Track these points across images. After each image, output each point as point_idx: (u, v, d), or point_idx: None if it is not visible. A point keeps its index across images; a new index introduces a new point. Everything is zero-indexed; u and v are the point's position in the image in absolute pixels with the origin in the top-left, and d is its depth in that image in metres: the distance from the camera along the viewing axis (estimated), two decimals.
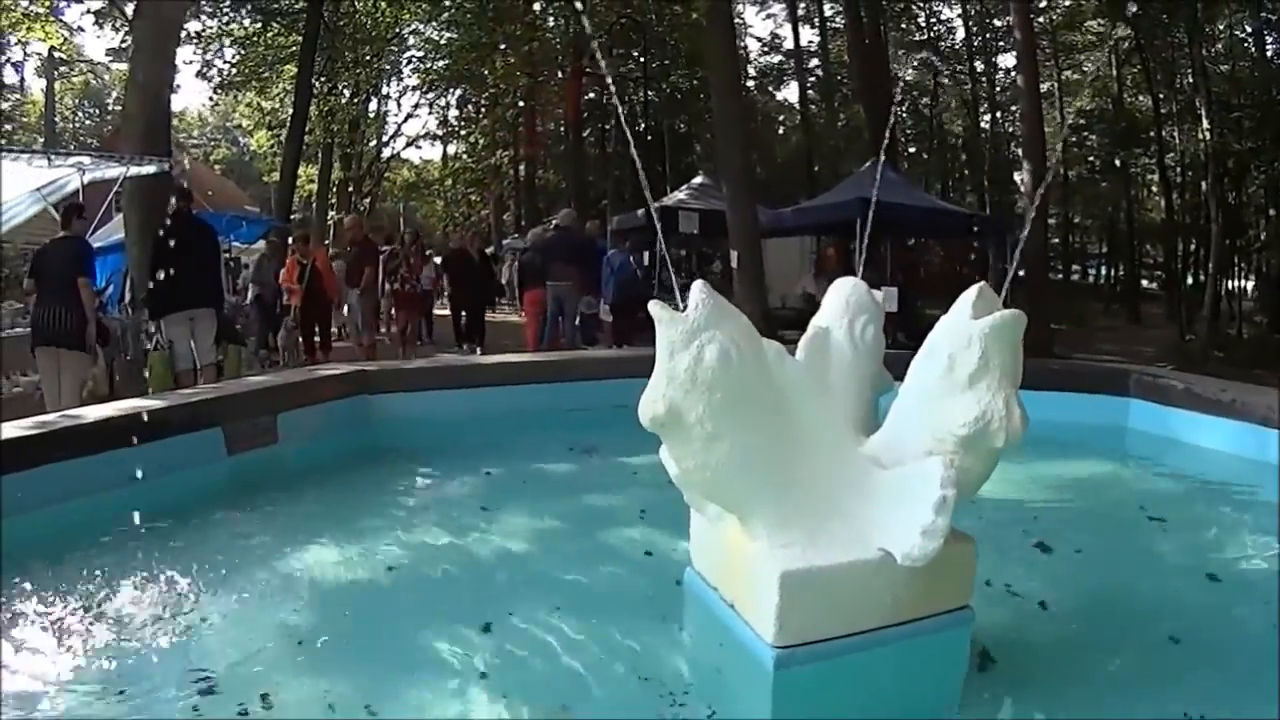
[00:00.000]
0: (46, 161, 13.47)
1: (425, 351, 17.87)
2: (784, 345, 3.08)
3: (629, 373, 7.28)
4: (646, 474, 5.95)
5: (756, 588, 2.88)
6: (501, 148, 52.58)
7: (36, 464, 4.77)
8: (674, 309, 2.83)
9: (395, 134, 54.32)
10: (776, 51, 56.46)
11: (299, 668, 3.41)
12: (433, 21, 44.52)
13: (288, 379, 6.90)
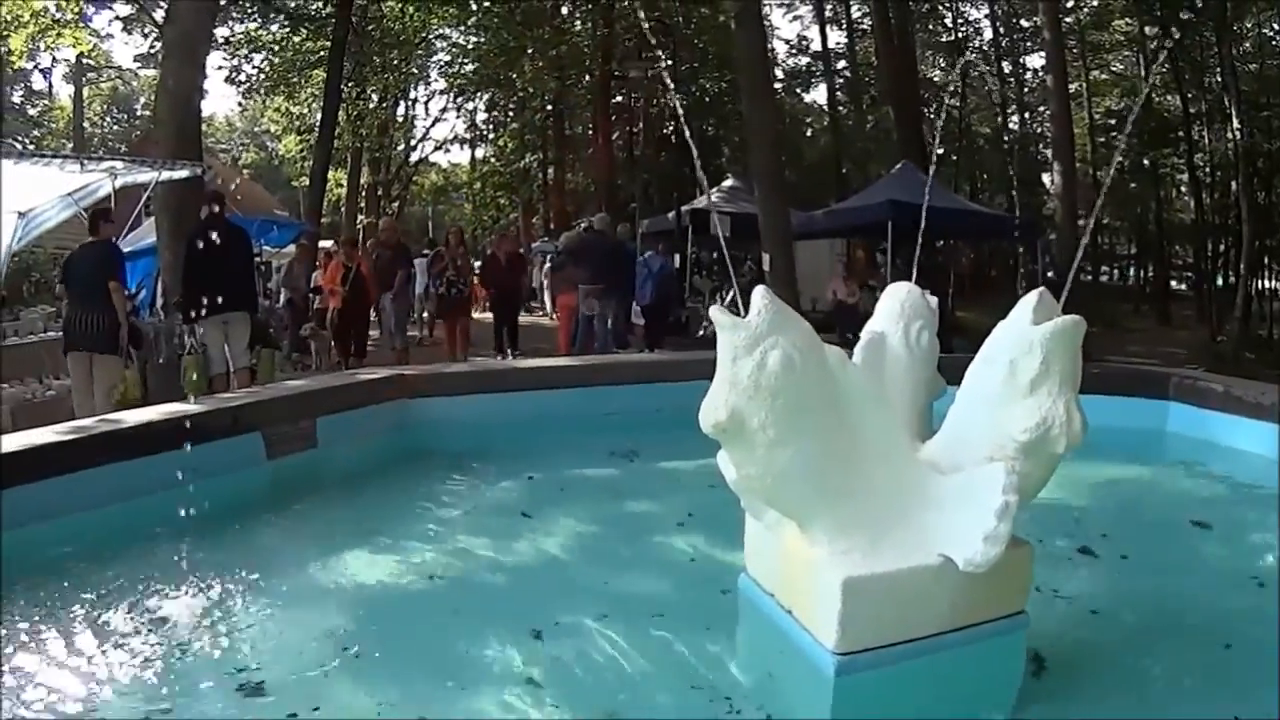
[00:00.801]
0: (79, 166, 13.50)
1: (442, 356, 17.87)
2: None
3: (667, 377, 7.34)
4: (688, 478, 5.93)
5: (817, 594, 2.86)
6: (530, 151, 52.61)
7: (77, 469, 4.78)
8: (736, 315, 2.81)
9: (423, 138, 54.52)
10: (804, 54, 56.44)
11: (349, 675, 3.40)
12: (460, 26, 44.55)
13: (327, 383, 6.90)
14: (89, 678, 3.36)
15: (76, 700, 3.22)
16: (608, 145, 45.02)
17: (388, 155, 51.17)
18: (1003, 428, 2.97)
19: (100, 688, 3.30)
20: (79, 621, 3.77)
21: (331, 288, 16.17)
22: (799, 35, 56.04)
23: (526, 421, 6.79)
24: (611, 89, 43.92)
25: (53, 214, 14.82)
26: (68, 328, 10.45)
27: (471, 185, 57.27)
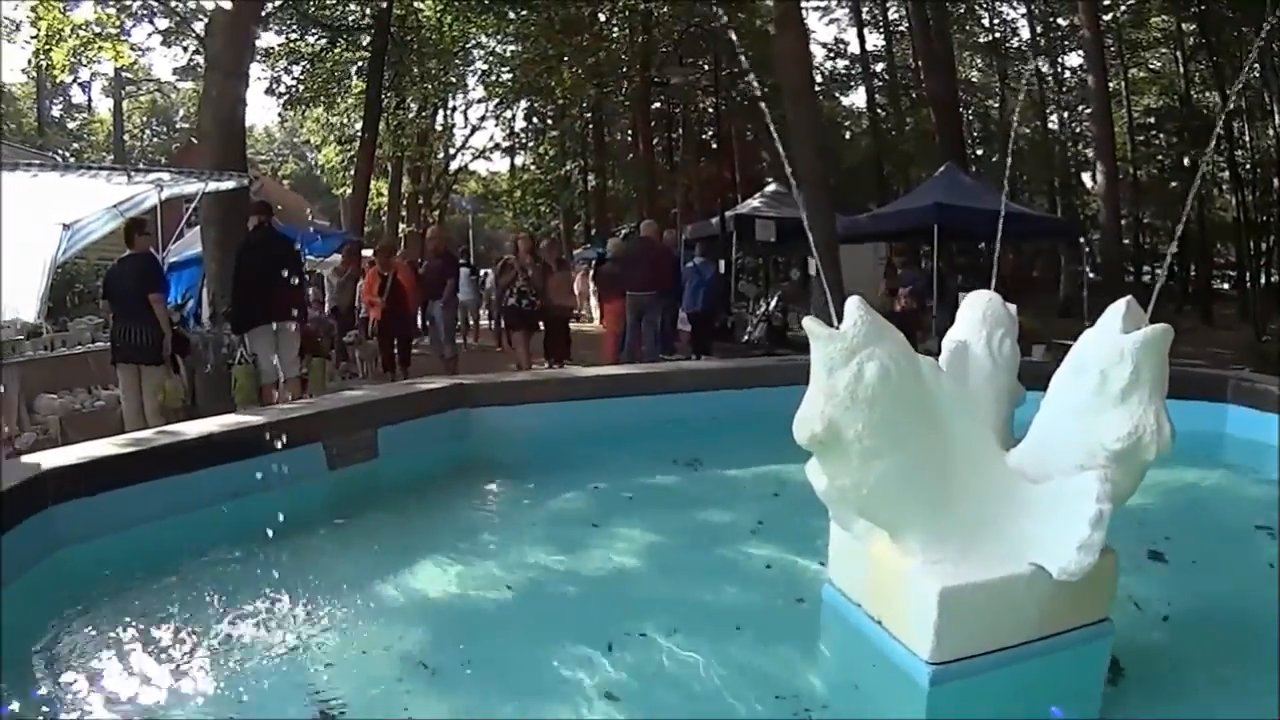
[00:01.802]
0: (126, 178, 13.54)
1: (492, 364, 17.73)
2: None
3: (725, 385, 7.28)
4: (752, 486, 5.90)
5: (910, 604, 2.85)
6: (571, 158, 52.73)
7: (138, 480, 4.80)
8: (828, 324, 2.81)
9: (463, 146, 54.67)
10: (841, 56, 56.26)
11: (425, 690, 3.38)
12: (498, 35, 44.66)
13: (387, 393, 6.90)
14: (162, 697, 3.34)
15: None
16: (648, 151, 45.03)
17: (428, 164, 51.32)
18: (1094, 436, 2.98)
19: (175, 707, 3.28)
20: (149, 638, 3.75)
21: (370, 298, 16.14)
22: (836, 38, 55.62)
23: (587, 430, 6.78)
24: (651, 95, 43.89)
25: (99, 226, 14.93)
26: (114, 341, 10.48)
27: (511, 193, 57.49)
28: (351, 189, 36.69)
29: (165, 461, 5.00)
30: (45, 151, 42.59)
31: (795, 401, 7.09)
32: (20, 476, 4.25)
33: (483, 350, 20.43)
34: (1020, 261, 39.78)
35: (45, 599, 4.10)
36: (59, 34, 28.46)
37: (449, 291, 16.91)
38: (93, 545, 4.47)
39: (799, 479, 5.96)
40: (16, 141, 50.25)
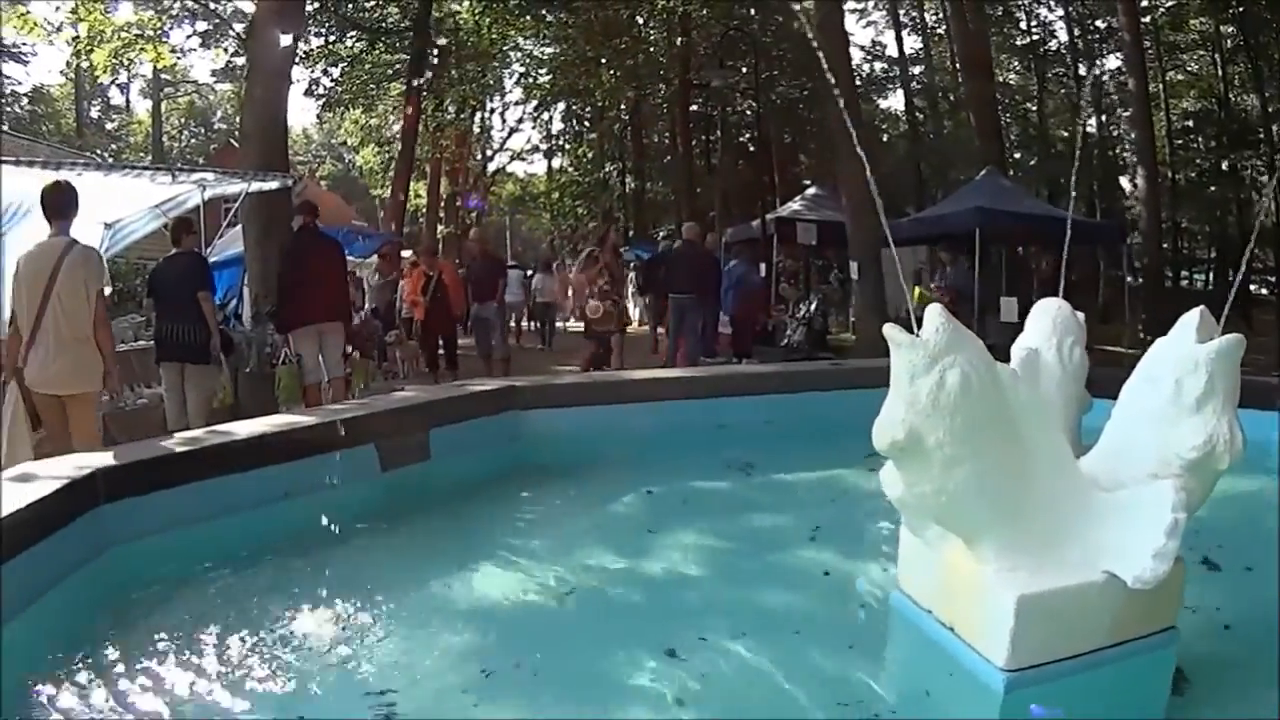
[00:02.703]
0: (170, 177, 13.58)
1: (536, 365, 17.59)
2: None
3: (777, 389, 7.23)
4: (807, 491, 5.87)
5: (985, 610, 2.84)
6: (609, 160, 52.88)
7: (189, 480, 4.77)
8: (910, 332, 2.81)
9: (500, 148, 54.90)
10: (878, 59, 56.21)
11: (488, 695, 3.35)
12: (537, 37, 44.83)
13: (438, 395, 6.87)
14: (218, 699, 3.32)
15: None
16: (687, 154, 45.10)
17: (466, 166, 51.50)
18: (1169, 445, 2.99)
19: (231, 709, 3.26)
20: (202, 639, 3.72)
21: (413, 298, 16.10)
22: (873, 40, 55.59)
23: (637, 433, 6.73)
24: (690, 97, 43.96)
25: (140, 225, 14.96)
26: (159, 340, 10.47)
27: (549, 195, 57.73)
28: (390, 190, 36.87)
29: (217, 461, 4.96)
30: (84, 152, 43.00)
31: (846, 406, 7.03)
32: (71, 474, 4.20)
33: (523, 350, 20.31)
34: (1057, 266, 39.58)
35: (95, 598, 4.11)
36: (100, 35, 28.62)
37: (500, 293, 16.63)
38: (143, 545, 4.43)
39: (853, 484, 5.97)
40: (56, 141, 50.84)
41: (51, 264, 7.61)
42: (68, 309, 7.62)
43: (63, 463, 4.60)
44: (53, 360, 7.61)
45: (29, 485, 4.00)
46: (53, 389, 7.74)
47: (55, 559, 3.86)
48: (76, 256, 7.73)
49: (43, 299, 7.57)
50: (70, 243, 7.85)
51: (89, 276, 7.78)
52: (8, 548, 3.47)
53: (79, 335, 7.68)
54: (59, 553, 3.89)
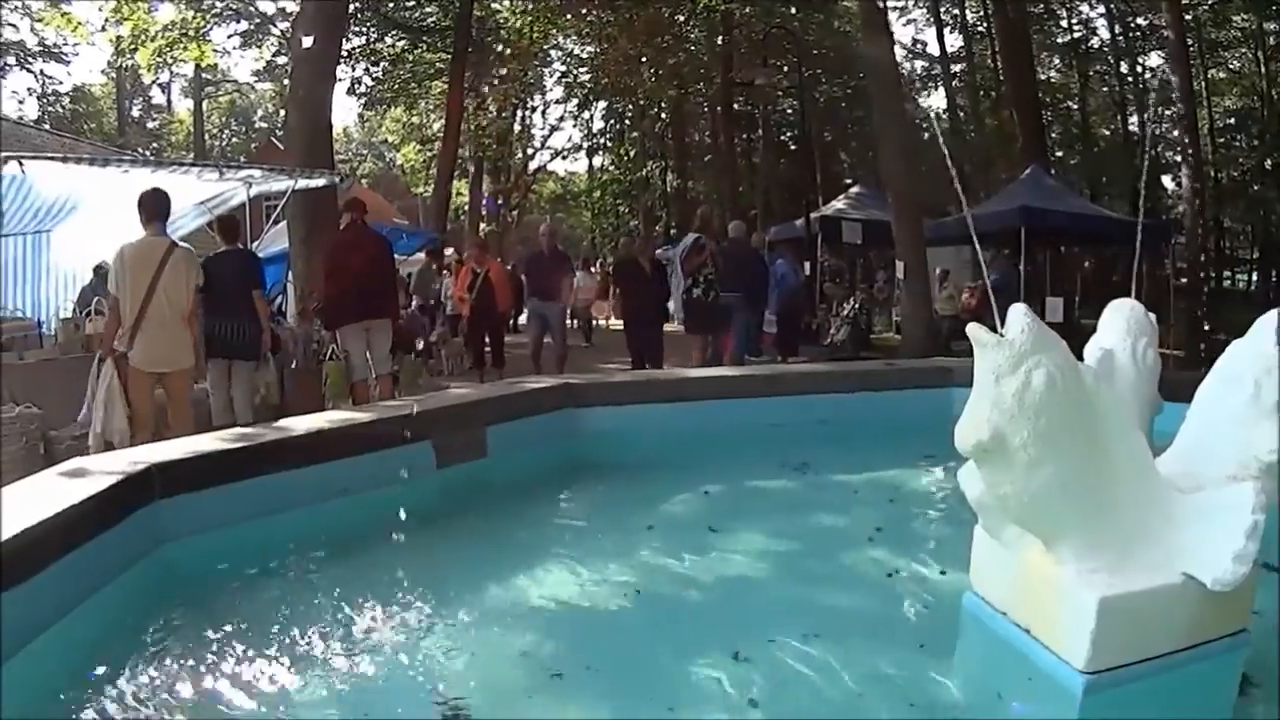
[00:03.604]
0: (218, 174, 13.66)
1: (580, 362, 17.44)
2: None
3: (832, 389, 7.19)
4: (865, 491, 5.84)
5: (1065, 612, 2.83)
6: (651, 159, 52.90)
7: (245, 476, 4.77)
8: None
9: (541, 146, 54.98)
10: (919, 57, 55.98)
11: (555, 696, 3.32)
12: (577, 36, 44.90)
13: (495, 392, 6.85)
14: (279, 696, 3.30)
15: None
16: (730, 152, 45.07)
17: (507, 164, 51.63)
18: (1247, 447, 3.00)
19: (293, 707, 3.25)
20: (261, 636, 3.70)
21: (460, 295, 16.04)
22: (914, 38, 55.38)
23: (694, 432, 6.69)
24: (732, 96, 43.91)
25: (186, 222, 15.06)
26: (208, 335, 10.45)
27: (590, 193, 57.81)
28: (433, 189, 36.97)
29: (273, 457, 4.96)
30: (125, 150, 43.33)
31: (901, 406, 6.95)
32: (126, 470, 4.20)
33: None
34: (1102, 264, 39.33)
35: (150, 595, 4.10)
36: (144, 33, 28.81)
37: (566, 290, 16.14)
38: (199, 541, 4.44)
39: (910, 484, 5.92)
40: (98, 140, 51.29)
41: (158, 259, 8.73)
42: (171, 299, 8.79)
43: (118, 458, 4.61)
44: (157, 342, 8.75)
45: (84, 480, 4.00)
46: (157, 366, 8.85)
47: (110, 555, 3.86)
48: (179, 254, 8.95)
49: (149, 290, 8.67)
50: (172, 243, 9.08)
51: (189, 271, 9.05)
52: (62, 542, 3.50)
53: (178, 321, 8.90)
54: (114, 549, 3.89)
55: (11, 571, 3.10)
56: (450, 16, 37.08)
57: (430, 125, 48.86)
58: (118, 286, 8.77)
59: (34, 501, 3.60)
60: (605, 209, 56.42)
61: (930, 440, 6.69)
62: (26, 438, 9.11)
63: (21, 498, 3.73)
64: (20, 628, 3.14)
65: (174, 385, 9.06)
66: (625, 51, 40.19)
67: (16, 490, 3.92)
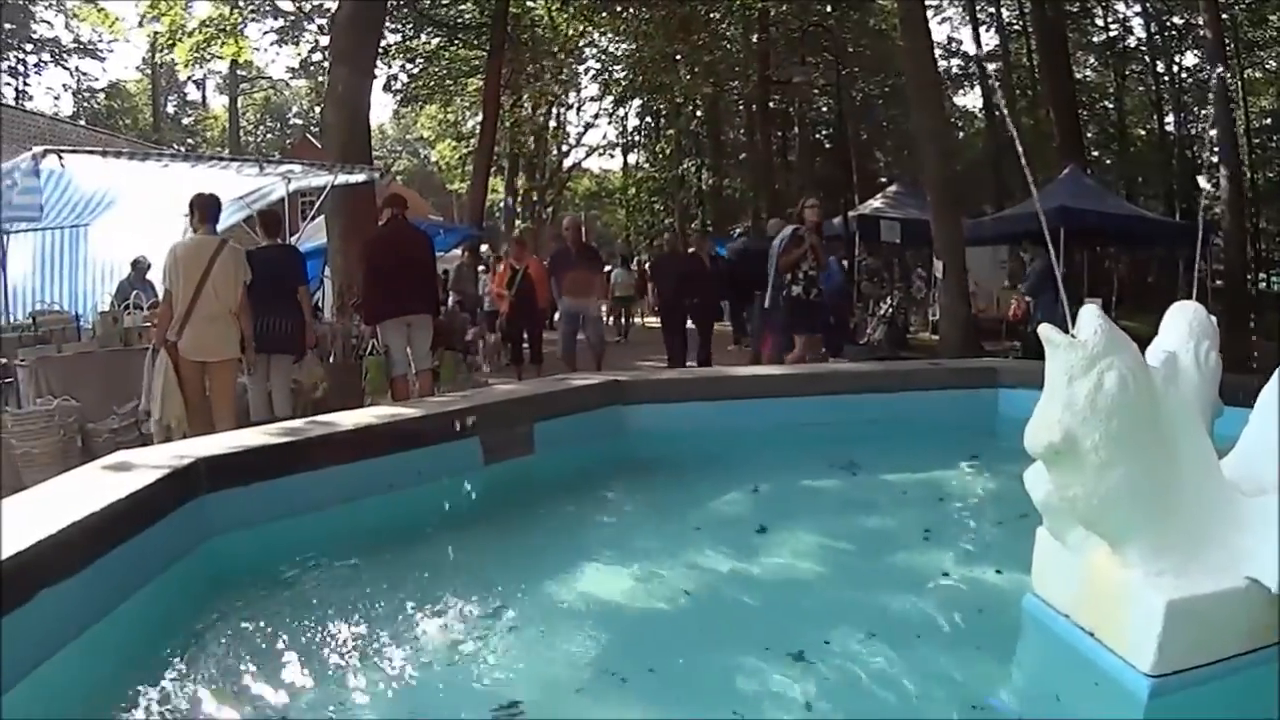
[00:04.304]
0: (258, 169, 13.71)
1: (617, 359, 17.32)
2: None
3: (880, 388, 7.16)
4: (914, 492, 5.80)
5: (1132, 615, 2.84)
6: (687, 156, 52.89)
7: (292, 471, 4.75)
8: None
9: (577, 144, 55.04)
10: (954, 56, 55.79)
11: (613, 700, 3.26)
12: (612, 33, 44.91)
13: (542, 388, 6.82)
14: (326, 695, 3.25)
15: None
16: (766, 150, 45.00)
17: (543, 161, 51.72)
18: None
19: (342, 706, 3.19)
20: (306, 633, 3.67)
21: (499, 292, 16.03)
22: (948, 37, 55.14)
23: (741, 430, 6.66)
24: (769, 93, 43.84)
25: (224, 217, 15.10)
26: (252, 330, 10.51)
27: (625, 190, 57.85)
28: (470, 185, 37.03)
29: (320, 452, 4.93)
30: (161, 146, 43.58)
31: (948, 406, 6.88)
32: (172, 464, 4.20)
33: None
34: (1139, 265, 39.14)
35: (197, 589, 4.08)
36: (182, 29, 28.95)
37: (601, 287, 16.15)
38: (245, 535, 4.43)
39: (958, 485, 5.89)
40: (133, 136, 51.63)
41: (208, 256, 9.14)
42: (220, 293, 9.18)
43: (163, 452, 4.59)
44: (205, 333, 9.14)
45: (130, 474, 3.99)
46: (204, 356, 9.20)
47: (156, 550, 3.85)
48: (228, 252, 9.35)
49: (199, 284, 9.08)
50: (222, 241, 9.59)
51: (238, 268, 9.39)
52: (108, 537, 3.48)
53: (226, 314, 9.28)
54: (160, 543, 3.87)
55: (58, 566, 3.11)
56: (486, 13, 37.11)
57: (465, 122, 49.05)
58: (170, 281, 9.18)
59: (80, 495, 3.60)
60: (640, 206, 56.49)
61: (977, 440, 6.66)
62: (64, 430, 9.30)
63: (67, 491, 3.75)
64: (67, 623, 3.15)
65: (218, 375, 9.41)
66: (661, 49, 40.18)
67: (62, 483, 3.94)
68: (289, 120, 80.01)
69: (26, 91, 68.39)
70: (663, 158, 54.68)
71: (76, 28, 66.23)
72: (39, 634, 2.99)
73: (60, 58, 69.01)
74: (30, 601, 2.92)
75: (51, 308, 13.30)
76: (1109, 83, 52.16)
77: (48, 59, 68.66)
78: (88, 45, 68.86)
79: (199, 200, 9.54)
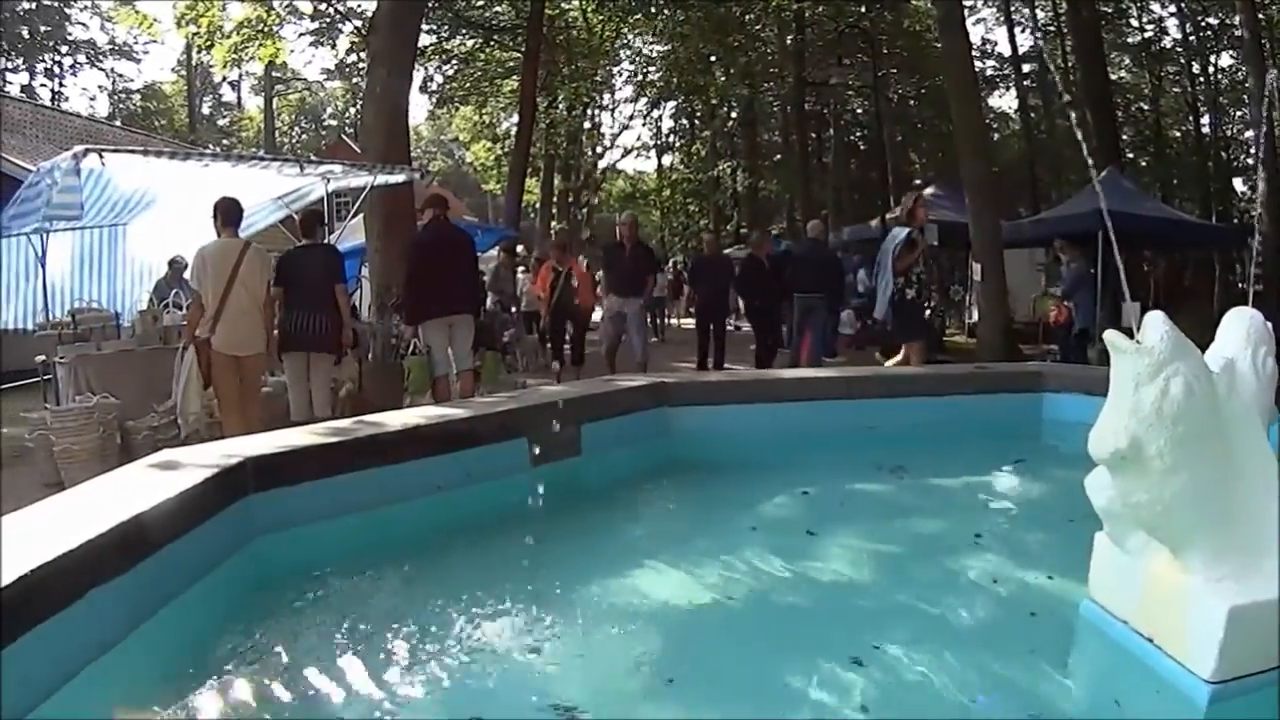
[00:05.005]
0: (298, 169, 13.75)
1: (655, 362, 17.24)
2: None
3: (927, 392, 7.13)
4: (963, 496, 5.80)
5: (1192, 621, 2.84)
6: (722, 158, 52.87)
7: (339, 471, 4.74)
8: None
9: (611, 145, 55.13)
10: (989, 57, 55.45)
11: (671, 703, 3.28)
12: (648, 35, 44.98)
13: (588, 390, 6.81)
14: (377, 697, 3.24)
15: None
16: (802, 152, 44.93)
17: (578, 162, 51.81)
18: None
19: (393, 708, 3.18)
20: (354, 634, 3.67)
21: (540, 293, 16.05)
22: (983, 38, 54.83)
23: (787, 433, 6.64)
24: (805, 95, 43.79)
25: (263, 216, 15.23)
26: (288, 328, 10.62)
27: (660, 192, 57.89)
28: (506, 186, 37.13)
29: (368, 452, 4.93)
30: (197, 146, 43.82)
31: (994, 410, 6.85)
32: (220, 463, 4.22)
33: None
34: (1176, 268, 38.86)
35: (245, 589, 4.12)
36: (219, 30, 29.07)
37: (650, 288, 15.66)
38: (291, 535, 4.44)
39: (1006, 489, 5.89)
40: (169, 136, 51.98)
41: (235, 257, 9.61)
42: (250, 290, 9.69)
43: (211, 451, 4.58)
44: (237, 328, 9.59)
45: (177, 473, 4.00)
46: (236, 350, 9.64)
47: (204, 549, 3.85)
48: (253, 253, 9.88)
49: (228, 283, 9.52)
50: (247, 243, 10.07)
51: (262, 268, 9.97)
52: (156, 536, 3.47)
53: (255, 310, 9.80)
54: (207, 543, 3.88)
55: (108, 565, 3.12)
56: (522, 15, 37.17)
57: (500, 123, 49.21)
58: (199, 282, 9.65)
59: (128, 494, 3.62)
60: (675, 208, 56.55)
61: (1022, 444, 6.64)
62: (103, 427, 9.49)
63: (115, 490, 3.77)
64: (115, 623, 3.16)
65: (249, 367, 9.89)
66: (697, 50, 40.20)
67: (110, 482, 3.97)
68: (323, 121, 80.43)
69: (62, 93, 69.15)
70: (697, 159, 54.74)
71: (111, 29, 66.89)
72: (89, 633, 3.01)
73: (96, 59, 69.63)
74: (81, 600, 2.94)
75: (91, 306, 13.38)
76: (1144, 84, 51.78)
77: (83, 60, 69.34)
78: (123, 47, 69.50)
79: (222, 204, 9.96)
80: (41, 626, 2.74)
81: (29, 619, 2.70)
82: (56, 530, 3.09)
